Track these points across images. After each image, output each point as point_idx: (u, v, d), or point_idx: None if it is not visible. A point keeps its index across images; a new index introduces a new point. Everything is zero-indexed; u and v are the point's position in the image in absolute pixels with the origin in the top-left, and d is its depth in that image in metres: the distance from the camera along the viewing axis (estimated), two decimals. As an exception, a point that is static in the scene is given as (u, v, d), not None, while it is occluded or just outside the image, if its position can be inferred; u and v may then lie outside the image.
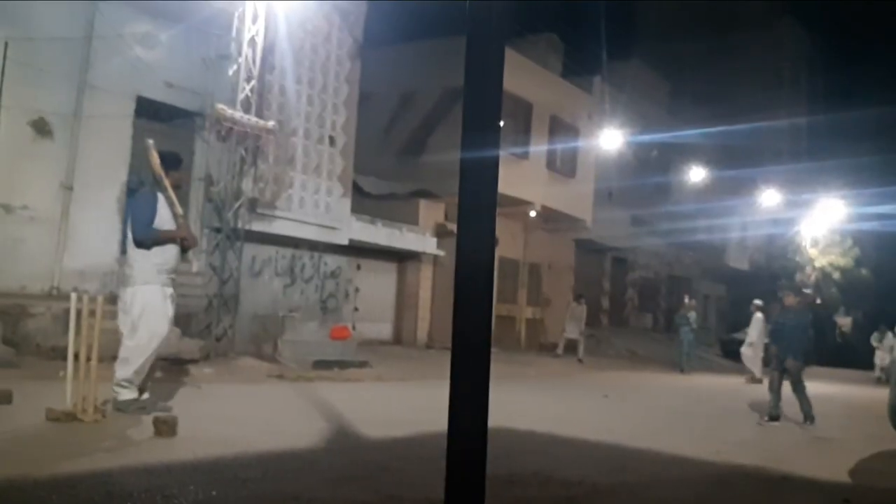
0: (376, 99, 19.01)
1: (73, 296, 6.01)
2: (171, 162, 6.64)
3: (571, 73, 24.01)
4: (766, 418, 9.96)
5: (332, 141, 15.16)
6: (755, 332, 17.92)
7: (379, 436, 6.63)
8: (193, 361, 10.49)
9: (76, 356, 5.84)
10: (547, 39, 23.77)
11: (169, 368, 9.95)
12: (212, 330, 12.10)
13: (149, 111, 12.15)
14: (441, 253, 18.32)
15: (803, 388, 9.95)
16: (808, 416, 9.78)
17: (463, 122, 2.49)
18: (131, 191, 12.01)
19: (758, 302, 18.83)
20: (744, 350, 18.41)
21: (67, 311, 6.08)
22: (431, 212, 18.67)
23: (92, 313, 5.92)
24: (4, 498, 3.92)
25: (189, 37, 12.28)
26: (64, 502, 3.91)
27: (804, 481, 6.20)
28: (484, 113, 2.50)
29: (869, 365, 23.97)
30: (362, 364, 12.56)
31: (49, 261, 10.85)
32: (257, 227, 13.42)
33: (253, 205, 13.23)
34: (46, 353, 9.15)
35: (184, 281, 12.55)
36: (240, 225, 12.78)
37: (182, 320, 11.52)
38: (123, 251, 7.37)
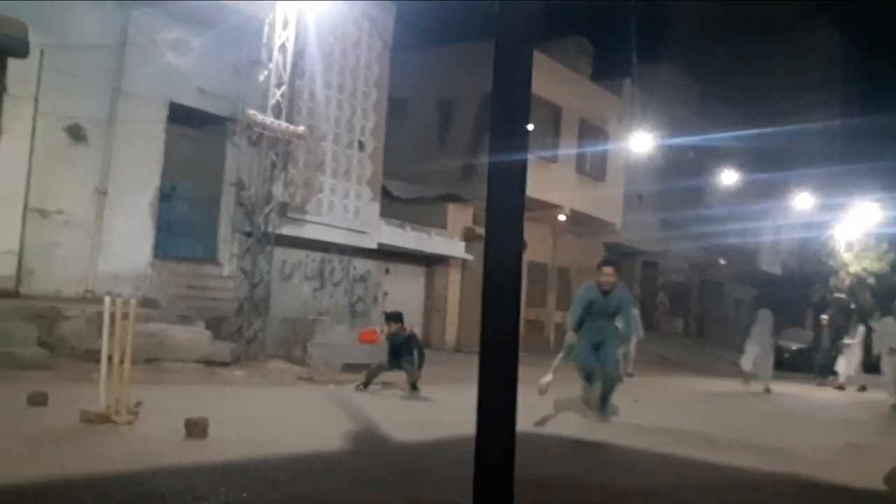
0: (405, 103, 19.06)
1: (107, 299, 6.09)
2: None
3: (601, 76, 23.92)
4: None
5: (361, 145, 15.25)
6: (857, 339, 17.58)
7: (407, 439, 6.64)
8: (224, 364, 10.59)
9: (109, 358, 5.93)
10: (576, 42, 23.69)
11: (200, 371, 10.06)
12: (242, 333, 12.21)
13: (181, 117, 12.33)
14: (469, 257, 18.30)
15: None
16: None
17: (491, 125, 2.49)
18: (164, 197, 12.16)
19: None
20: (841, 358, 17.98)
21: (101, 315, 6.16)
22: (460, 215, 18.67)
23: (125, 316, 6.00)
24: (39, 498, 3.99)
25: (221, 43, 12.43)
26: (97, 502, 3.97)
27: (836, 488, 6.09)
28: (512, 116, 2.49)
29: None
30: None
31: (83, 265, 11.03)
32: (287, 231, 13.53)
33: (283, 209, 13.35)
34: (80, 355, 9.27)
35: (214, 284, 12.80)
36: (270, 229, 12.90)
37: (213, 323, 11.65)
38: (154, 257, 7.38)
